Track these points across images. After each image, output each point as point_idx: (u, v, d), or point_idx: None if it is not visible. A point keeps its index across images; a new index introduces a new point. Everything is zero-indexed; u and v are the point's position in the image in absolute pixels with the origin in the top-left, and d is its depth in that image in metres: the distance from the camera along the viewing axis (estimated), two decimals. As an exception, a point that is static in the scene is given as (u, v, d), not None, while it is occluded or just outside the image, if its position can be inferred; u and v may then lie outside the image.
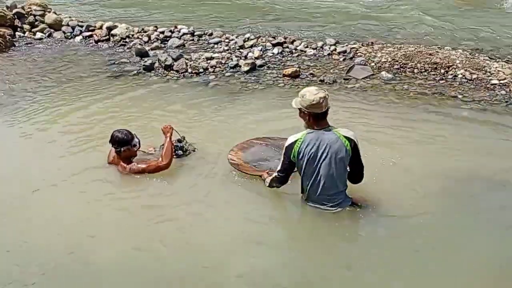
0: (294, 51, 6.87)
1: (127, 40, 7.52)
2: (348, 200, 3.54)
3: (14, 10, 8.01)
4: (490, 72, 5.95)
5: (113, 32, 7.68)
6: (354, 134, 3.42)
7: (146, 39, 7.50)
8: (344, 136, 3.35)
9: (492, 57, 6.48)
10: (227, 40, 7.28)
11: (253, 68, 6.31)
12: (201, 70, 6.36)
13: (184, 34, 7.55)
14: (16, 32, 7.78)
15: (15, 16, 7.96)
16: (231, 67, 6.39)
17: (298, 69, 6.21)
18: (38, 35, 7.81)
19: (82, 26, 7.89)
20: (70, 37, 7.78)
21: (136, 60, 6.79)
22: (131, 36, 7.61)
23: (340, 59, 6.56)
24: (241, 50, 6.90)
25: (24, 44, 7.53)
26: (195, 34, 7.55)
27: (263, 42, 7.08)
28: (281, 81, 6.02)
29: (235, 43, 7.12)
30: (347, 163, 3.40)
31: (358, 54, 6.62)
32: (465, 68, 6.02)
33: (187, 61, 6.52)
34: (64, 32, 7.86)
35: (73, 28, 7.90)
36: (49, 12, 8.18)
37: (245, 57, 6.68)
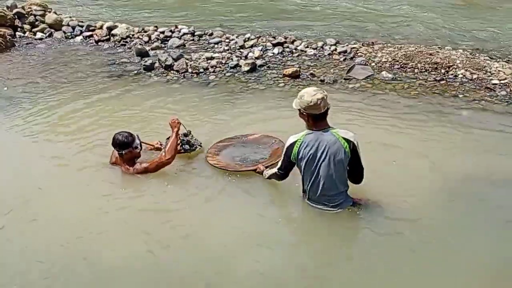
0: (294, 51, 6.87)
1: (128, 40, 7.53)
2: (349, 200, 3.53)
3: (15, 10, 8.03)
4: (490, 72, 5.95)
5: (113, 32, 7.69)
6: (353, 135, 3.36)
7: (146, 39, 7.51)
8: (343, 138, 3.31)
9: (493, 57, 6.48)
10: (227, 40, 7.28)
11: (253, 68, 6.30)
12: (201, 70, 6.36)
13: (184, 34, 7.56)
14: (17, 32, 7.80)
15: (16, 16, 7.98)
16: (231, 67, 6.39)
17: (298, 69, 6.21)
18: (39, 35, 7.82)
19: (82, 26, 7.91)
20: (70, 37, 7.79)
21: (136, 60, 6.80)
22: (131, 36, 7.62)
23: (341, 59, 6.56)
24: (241, 50, 6.91)
25: (25, 44, 7.54)
26: (195, 34, 7.56)
27: (263, 42, 7.09)
28: (281, 81, 6.02)
29: (236, 43, 7.12)
30: (346, 165, 3.36)
31: (359, 54, 6.62)
32: (465, 68, 6.02)
33: (187, 61, 6.52)
34: (64, 32, 7.87)
35: (73, 28, 7.92)
36: (49, 12, 8.19)
37: (245, 57, 6.68)
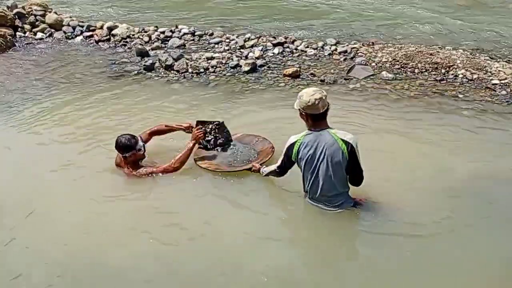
0: (294, 51, 6.86)
1: (128, 40, 7.52)
2: (350, 201, 3.53)
3: (15, 10, 8.02)
4: (490, 72, 5.95)
5: (113, 32, 7.68)
6: (352, 137, 3.32)
7: (146, 39, 7.51)
8: (342, 139, 3.28)
9: (493, 57, 6.48)
10: (227, 40, 7.28)
11: (253, 68, 6.30)
12: (201, 70, 6.36)
13: (184, 34, 7.55)
14: (17, 32, 7.79)
15: (16, 16, 7.98)
16: (231, 67, 6.39)
17: (298, 69, 6.21)
18: (39, 35, 7.82)
19: (82, 26, 7.90)
20: (70, 37, 7.78)
21: (136, 60, 6.80)
22: (131, 36, 7.61)
23: (341, 59, 6.56)
24: (241, 50, 6.90)
25: (25, 44, 7.54)
26: (195, 34, 7.56)
27: (263, 42, 7.08)
28: (281, 81, 6.02)
29: (236, 43, 7.12)
30: (344, 166, 3.33)
31: (359, 54, 6.62)
32: (465, 68, 6.02)
33: (187, 61, 6.52)
34: (64, 32, 7.87)
35: (73, 28, 7.91)
36: (49, 12, 8.19)
37: (245, 57, 6.68)
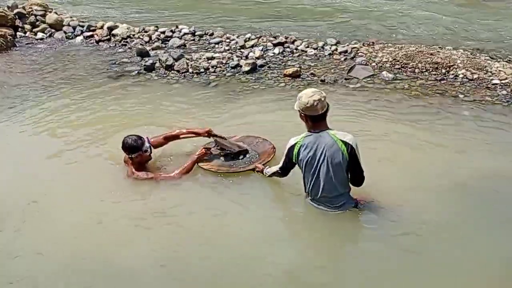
0: (295, 51, 6.86)
1: (128, 40, 7.52)
2: (351, 202, 3.53)
3: (15, 10, 8.03)
4: (491, 72, 5.95)
5: (114, 32, 7.68)
6: (352, 138, 3.32)
7: (147, 39, 7.51)
8: (341, 141, 3.28)
9: (493, 57, 6.47)
10: (228, 40, 7.28)
11: (254, 68, 6.30)
12: (202, 70, 6.36)
13: (185, 34, 7.55)
14: (17, 32, 7.80)
15: (16, 16, 7.98)
16: (232, 67, 6.39)
17: (299, 69, 6.21)
18: (39, 35, 7.82)
19: (83, 26, 7.90)
20: (71, 37, 7.78)
21: (137, 60, 6.80)
22: (132, 36, 7.61)
23: (341, 59, 6.56)
24: (242, 50, 6.90)
25: (25, 44, 7.54)
26: (196, 34, 7.55)
27: (264, 42, 7.08)
28: (282, 81, 6.02)
29: (236, 43, 7.12)
30: (344, 167, 3.33)
31: (359, 54, 6.62)
32: (466, 68, 6.01)
33: (188, 61, 6.52)
34: (65, 32, 7.87)
35: (74, 28, 7.91)
36: (50, 12, 8.19)
37: (246, 57, 6.68)
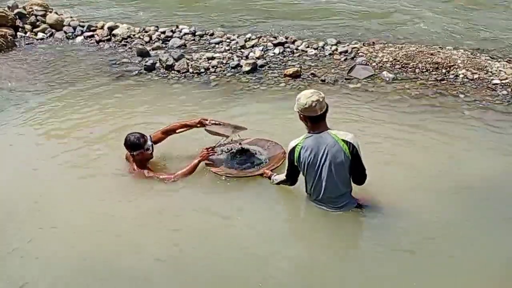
0: (295, 51, 6.86)
1: (128, 40, 7.52)
2: (353, 201, 3.53)
3: (16, 10, 8.03)
4: (491, 72, 5.94)
5: (114, 32, 7.68)
6: (353, 136, 3.33)
7: (147, 39, 7.51)
8: (342, 140, 3.29)
9: (494, 57, 6.46)
10: (228, 40, 7.27)
11: (254, 68, 6.30)
12: (202, 70, 6.36)
13: (185, 34, 7.55)
14: (18, 32, 7.79)
15: (17, 16, 7.97)
16: (232, 67, 6.39)
17: (299, 69, 6.21)
18: (40, 35, 7.82)
19: (83, 26, 7.90)
20: (71, 37, 7.78)
21: (137, 60, 6.80)
22: (132, 36, 7.61)
23: (342, 59, 6.56)
24: (242, 50, 6.90)
25: (26, 44, 7.54)
26: (196, 34, 7.55)
27: (264, 42, 7.08)
28: (282, 81, 6.02)
29: (236, 43, 7.12)
30: (347, 166, 3.34)
31: (360, 54, 6.61)
32: (466, 68, 6.01)
33: (188, 61, 6.52)
34: (65, 32, 7.87)
35: (74, 28, 7.91)
36: (50, 12, 8.19)
37: (246, 57, 6.68)
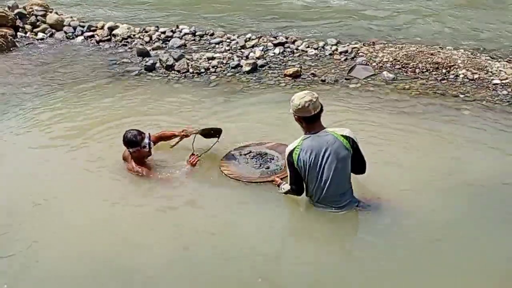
0: (295, 51, 6.86)
1: (129, 40, 7.52)
2: (354, 200, 3.54)
3: (16, 10, 8.03)
4: (491, 72, 5.94)
5: (114, 32, 7.68)
6: (349, 131, 3.40)
7: (147, 39, 7.51)
8: (342, 135, 3.33)
9: (494, 57, 6.46)
10: (228, 40, 7.27)
11: (254, 68, 6.30)
12: (202, 70, 6.36)
13: (185, 34, 7.55)
14: (18, 32, 7.79)
15: (17, 16, 7.98)
16: (232, 67, 6.39)
17: (299, 69, 6.21)
18: (40, 35, 7.81)
19: (83, 26, 7.90)
20: (71, 37, 7.78)
21: (137, 60, 6.80)
22: (132, 36, 7.61)
23: (342, 59, 6.55)
24: (242, 50, 6.90)
25: (26, 44, 7.54)
26: (196, 34, 7.55)
27: (264, 42, 7.08)
28: (282, 81, 6.02)
29: (237, 43, 7.12)
30: (349, 161, 3.37)
31: (360, 54, 6.62)
32: (466, 68, 6.01)
33: (188, 61, 6.52)
34: (65, 32, 7.86)
35: (74, 28, 7.91)
36: (50, 12, 8.19)
37: (246, 57, 6.68)
